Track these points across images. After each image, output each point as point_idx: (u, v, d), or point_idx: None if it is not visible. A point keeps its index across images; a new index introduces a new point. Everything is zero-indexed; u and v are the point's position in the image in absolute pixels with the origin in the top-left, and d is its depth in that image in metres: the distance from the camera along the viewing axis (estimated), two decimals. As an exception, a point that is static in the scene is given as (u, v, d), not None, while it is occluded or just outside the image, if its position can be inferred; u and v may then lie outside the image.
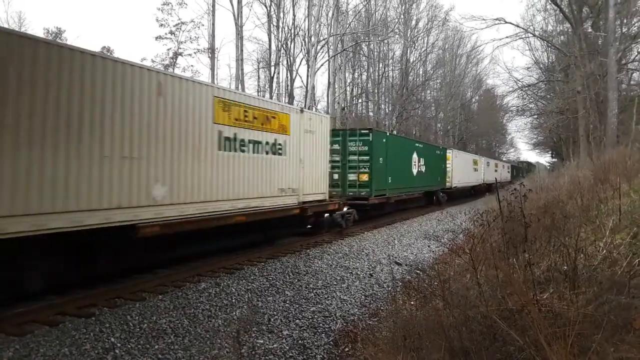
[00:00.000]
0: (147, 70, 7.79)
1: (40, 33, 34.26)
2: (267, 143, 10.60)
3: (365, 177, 15.97)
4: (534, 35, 31.05)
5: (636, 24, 26.28)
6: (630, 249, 5.21)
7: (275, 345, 5.74)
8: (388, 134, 18.97)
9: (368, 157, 16.19)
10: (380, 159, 16.82)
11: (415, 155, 21.33)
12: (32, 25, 58.53)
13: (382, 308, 7.35)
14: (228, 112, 9.34)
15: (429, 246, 13.01)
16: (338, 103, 30.02)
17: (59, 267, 6.68)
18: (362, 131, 16.58)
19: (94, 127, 6.65)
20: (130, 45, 74.81)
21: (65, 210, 6.18)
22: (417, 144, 22.72)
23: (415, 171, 21.48)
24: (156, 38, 31.79)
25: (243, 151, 9.77)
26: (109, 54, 27.08)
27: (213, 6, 29.94)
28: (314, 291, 8.08)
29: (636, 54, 27.52)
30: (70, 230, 6.26)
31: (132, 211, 7.15)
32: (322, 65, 32.55)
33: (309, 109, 24.62)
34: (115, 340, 5.50)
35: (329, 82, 31.32)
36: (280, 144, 11.12)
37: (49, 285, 6.66)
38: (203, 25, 37.22)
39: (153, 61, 31.66)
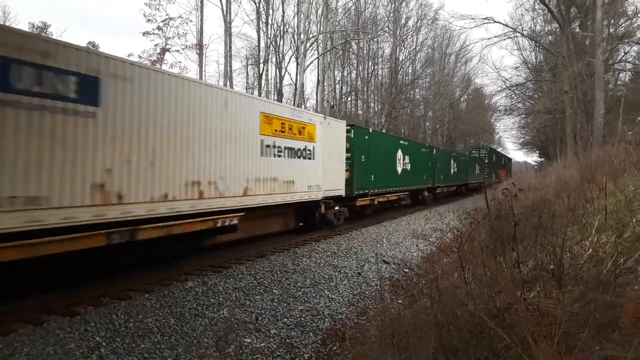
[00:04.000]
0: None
1: (25, 27, 33.83)
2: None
3: None
4: (523, 35, 31.31)
5: (623, 25, 26.57)
6: (616, 248, 5.24)
7: (262, 344, 5.71)
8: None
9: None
10: None
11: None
12: (18, 19, 57.74)
13: (370, 307, 7.35)
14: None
15: (417, 245, 13.04)
16: (327, 101, 29.98)
17: None
18: None
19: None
20: (116, 41, 74.08)
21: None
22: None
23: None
24: (143, 33, 31.55)
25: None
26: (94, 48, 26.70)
27: (201, 2, 29.80)
28: (302, 290, 8.06)
29: (623, 54, 27.88)
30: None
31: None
32: (311, 62, 32.54)
33: (298, 106, 24.56)
34: (101, 339, 5.44)
35: (318, 80, 31.31)
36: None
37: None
38: (191, 21, 37.33)
39: (140, 57, 31.43)
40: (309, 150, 12.66)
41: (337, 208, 14.59)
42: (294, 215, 13.18)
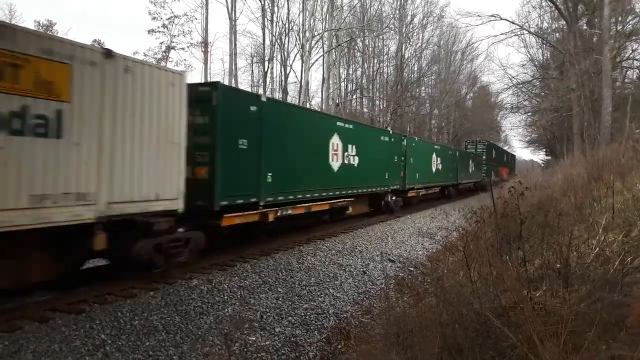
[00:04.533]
0: None
1: (31, 25, 33.95)
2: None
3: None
4: (529, 32, 31.21)
5: (631, 22, 26.41)
6: (623, 247, 5.21)
7: (267, 343, 5.71)
8: None
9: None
10: None
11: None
12: (23, 17, 58.06)
13: (375, 305, 7.34)
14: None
15: (422, 243, 13.02)
16: (332, 99, 29.96)
17: None
18: None
19: None
20: (123, 39, 74.39)
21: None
22: None
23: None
24: (149, 31, 31.61)
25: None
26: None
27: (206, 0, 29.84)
28: (307, 288, 8.06)
29: (630, 51, 27.69)
30: None
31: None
32: (316, 60, 32.55)
33: (302, 104, 24.53)
34: (106, 337, 5.45)
35: (323, 78, 31.32)
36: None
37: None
38: (196, 19, 37.24)
39: (145, 55, 31.50)
40: (35, 116, 5.78)
41: (180, 231, 8.22)
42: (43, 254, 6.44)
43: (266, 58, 34.08)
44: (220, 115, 8.85)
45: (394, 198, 18.36)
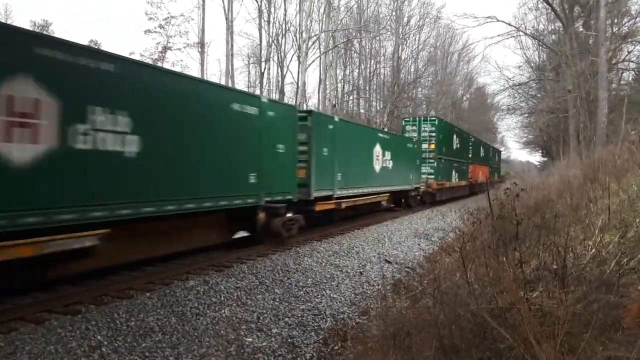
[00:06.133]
0: None
1: (27, 26, 33.84)
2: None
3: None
4: (526, 34, 31.32)
5: (626, 24, 26.54)
6: (619, 248, 5.22)
7: (264, 344, 5.70)
8: None
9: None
10: None
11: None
12: (19, 17, 57.85)
13: (372, 306, 7.34)
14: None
15: (419, 244, 13.03)
16: (329, 100, 29.97)
17: None
18: None
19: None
20: (119, 39, 74.23)
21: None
22: None
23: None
24: (145, 32, 31.58)
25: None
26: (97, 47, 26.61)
27: (203, 0, 29.82)
28: (304, 289, 8.05)
29: (626, 53, 27.80)
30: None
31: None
32: (313, 61, 32.61)
33: (299, 105, 24.50)
34: (102, 338, 5.43)
35: (320, 79, 31.30)
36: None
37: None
38: (193, 19, 37.39)
39: (142, 55, 31.44)
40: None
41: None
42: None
43: (263, 59, 34.15)
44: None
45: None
